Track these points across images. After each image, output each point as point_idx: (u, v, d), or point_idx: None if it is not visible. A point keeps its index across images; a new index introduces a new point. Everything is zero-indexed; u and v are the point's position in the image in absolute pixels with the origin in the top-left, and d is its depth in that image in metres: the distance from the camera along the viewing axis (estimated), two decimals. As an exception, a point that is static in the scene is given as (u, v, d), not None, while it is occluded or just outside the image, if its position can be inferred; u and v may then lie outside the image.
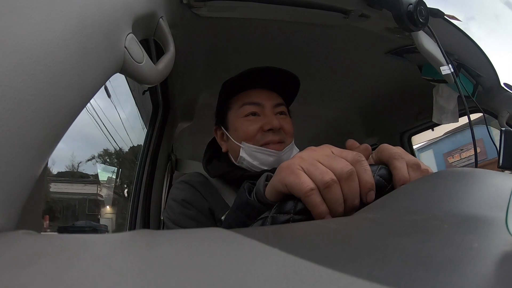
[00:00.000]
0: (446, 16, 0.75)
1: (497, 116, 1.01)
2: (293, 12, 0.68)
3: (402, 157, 0.37)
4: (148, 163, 1.15)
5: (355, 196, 0.34)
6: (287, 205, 0.35)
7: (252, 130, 0.68)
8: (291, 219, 0.34)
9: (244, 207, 0.41)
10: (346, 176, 0.34)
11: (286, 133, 0.70)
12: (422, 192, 0.29)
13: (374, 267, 0.14)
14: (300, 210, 0.34)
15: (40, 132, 0.21)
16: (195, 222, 0.65)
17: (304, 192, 0.33)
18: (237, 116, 0.71)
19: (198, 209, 0.66)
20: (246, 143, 0.68)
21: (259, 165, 0.67)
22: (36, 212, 0.28)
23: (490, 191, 0.27)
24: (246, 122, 0.69)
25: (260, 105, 0.70)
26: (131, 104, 1.54)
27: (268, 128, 0.67)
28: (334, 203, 0.33)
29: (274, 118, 0.68)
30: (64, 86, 0.23)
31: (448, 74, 0.74)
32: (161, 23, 0.43)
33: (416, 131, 1.47)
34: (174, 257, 0.13)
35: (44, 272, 0.12)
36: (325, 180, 0.33)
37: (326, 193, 0.33)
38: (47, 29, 0.22)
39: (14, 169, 0.19)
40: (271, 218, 0.34)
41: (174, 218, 0.66)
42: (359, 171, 0.35)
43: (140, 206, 1.11)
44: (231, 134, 0.72)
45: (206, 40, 0.88)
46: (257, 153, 0.67)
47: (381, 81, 1.17)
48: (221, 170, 0.71)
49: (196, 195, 0.68)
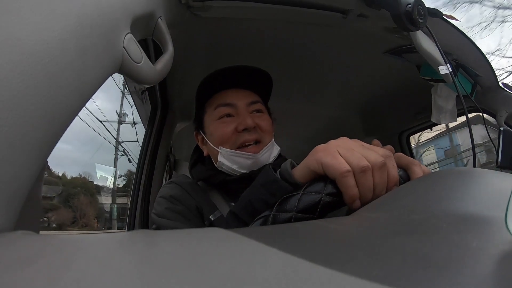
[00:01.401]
0: (445, 16, 0.75)
1: (496, 115, 1.01)
2: (291, 12, 0.68)
3: (419, 165, 0.40)
4: (147, 163, 1.15)
5: (383, 186, 0.37)
6: (317, 186, 0.37)
7: (226, 133, 0.66)
8: (322, 199, 0.35)
9: (271, 184, 0.42)
10: (379, 166, 0.36)
11: (263, 131, 0.68)
12: (421, 191, 0.29)
13: (374, 266, 0.14)
14: (330, 192, 0.36)
15: (39, 132, 0.20)
16: (181, 217, 0.64)
17: (341, 172, 0.35)
18: (212, 119, 0.70)
19: (186, 205, 0.66)
20: (223, 148, 0.67)
21: (238, 168, 0.66)
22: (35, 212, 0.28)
23: (489, 190, 0.27)
24: (220, 125, 0.68)
25: (233, 106, 0.68)
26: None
27: (242, 128, 0.66)
28: (366, 189, 0.36)
29: (248, 117, 0.66)
30: (62, 86, 0.23)
31: (447, 74, 0.74)
32: (160, 23, 0.43)
33: (414, 131, 1.48)
34: (173, 257, 0.13)
35: (43, 272, 0.12)
36: (362, 165, 0.35)
37: (360, 177, 0.36)
38: (45, 29, 0.22)
39: (13, 169, 0.18)
40: (301, 196, 0.36)
41: (161, 212, 0.65)
42: (388, 166, 0.38)
43: (138, 207, 1.11)
44: (208, 138, 0.71)
45: (205, 40, 0.87)
46: (234, 157, 0.66)
47: (380, 80, 1.17)
48: (203, 174, 0.71)
49: (184, 193, 0.68)
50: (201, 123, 0.74)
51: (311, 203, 0.35)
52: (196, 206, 0.67)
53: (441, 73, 0.74)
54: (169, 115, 1.22)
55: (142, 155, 1.18)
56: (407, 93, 1.20)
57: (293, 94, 1.23)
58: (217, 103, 0.69)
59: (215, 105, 0.69)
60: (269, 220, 0.36)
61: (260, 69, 0.71)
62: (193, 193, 0.69)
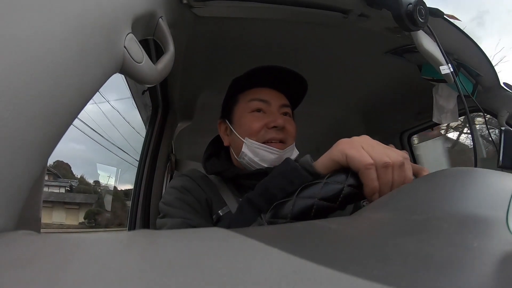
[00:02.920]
0: (446, 15, 0.75)
1: (497, 115, 1.01)
2: (293, 12, 0.68)
3: (428, 172, 0.42)
4: (148, 163, 1.15)
5: (401, 184, 0.39)
6: (339, 176, 0.39)
7: (257, 126, 0.69)
8: (343, 189, 0.37)
9: (291, 173, 0.44)
10: (399, 164, 0.39)
11: (289, 134, 0.71)
12: (422, 191, 0.29)
13: (374, 266, 0.14)
14: (351, 184, 0.38)
15: (40, 132, 0.21)
16: (190, 208, 0.65)
17: (364, 164, 0.37)
18: (244, 110, 0.72)
19: (196, 197, 0.67)
20: (249, 139, 0.68)
21: (260, 161, 0.68)
22: (36, 212, 0.28)
23: (490, 190, 0.27)
24: (251, 117, 0.70)
25: (267, 102, 0.71)
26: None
27: (273, 125, 0.68)
28: (386, 184, 0.38)
29: (279, 117, 0.69)
30: (63, 86, 0.23)
31: (448, 74, 0.74)
32: (161, 23, 0.43)
33: (416, 131, 1.47)
34: (174, 257, 0.13)
35: (44, 272, 0.12)
36: (384, 160, 0.38)
37: (382, 172, 0.38)
38: (46, 29, 0.22)
39: (14, 169, 0.19)
40: (323, 185, 0.38)
41: (169, 201, 0.66)
42: (406, 167, 0.40)
43: (140, 206, 1.11)
44: (235, 129, 0.73)
45: (206, 40, 0.88)
46: (259, 150, 0.68)
47: (381, 80, 1.17)
48: (217, 168, 0.72)
49: (195, 186, 0.69)
50: (229, 113, 0.76)
51: (333, 192, 0.37)
52: (206, 199, 0.68)
53: (442, 73, 0.74)
54: (170, 114, 1.22)
55: (143, 155, 1.18)
56: (408, 93, 1.20)
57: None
58: (253, 96, 0.72)
59: (249, 98, 0.72)
60: (290, 205, 0.38)
61: (300, 76, 0.73)
62: (204, 187, 0.70)
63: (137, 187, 1.14)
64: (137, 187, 1.14)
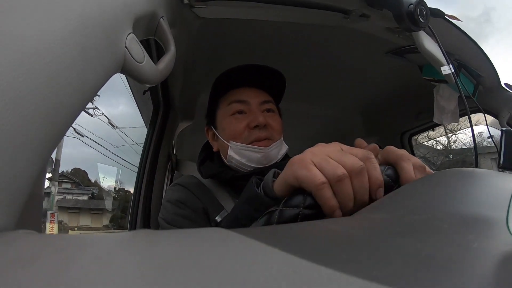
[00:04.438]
0: (447, 16, 0.75)
1: (498, 116, 1.00)
2: (293, 12, 0.69)
3: (409, 159, 0.37)
4: (149, 163, 1.15)
5: (365, 192, 0.34)
6: (296, 199, 0.34)
7: (239, 128, 0.69)
8: (300, 213, 0.33)
9: (253, 200, 0.41)
10: (357, 171, 0.34)
11: (273, 130, 0.70)
12: (422, 192, 0.29)
13: (375, 267, 0.14)
14: (309, 205, 0.34)
15: (40, 132, 0.21)
16: (189, 221, 0.65)
17: (315, 185, 0.33)
18: (225, 114, 0.72)
19: (192, 208, 0.67)
20: (233, 142, 0.69)
21: (247, 162, 0.68)
22: (36, 212, 0.28)
23: (491, 191, 0.27)
24: (233, 120, 0.70)
25: (246, 103, 0.71)
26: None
27: (254, 125, 0.68)
28: (345, 198, 0.34)
29: (260, 115, 0.69)
30: (64, 86, 0.23)
31: (449, 74, 0.74)
32: (162, 23, 0.43)
33: (416, 131, 1.47)
34: (174, 257, 0.13)
35: (44, 272, 0.12)
36: (337, 174, 0.33)
37: (337, 187, 0.33)
38: (47, 29, 0.22)
39: (14, 168, 0.19)
40: (279, 212, 0.34)
41: (169, 218, 0.67)
42: (369, 168, 0.35)
43: (140, 206, 1.11)
44: (220, 133, 0.73)
45: (207, 40, 0.88)
46: (244, 151, 0.68)
47: (382, 81, 1.17)
48: (212, 171, 0.72)
49: (190, 196, 0.69)
50: (213, 118, 0.76)
51: (290, 219, 0.34)
52: (202, 208, 0.68)
53: (443, 73, 0.74)
54: (171, 114, 1.22)
55: (144, 155, 1.18)
56: (409, 93, 1.20)
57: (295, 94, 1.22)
58: (231, 99, 0.72)
59: (228, 101, 0.72)
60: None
61: (275, 70, 0.72)
62: (199, 195, 0.70)
63: (138, 187, 1.15)
64: (138, 187, 1.15)
